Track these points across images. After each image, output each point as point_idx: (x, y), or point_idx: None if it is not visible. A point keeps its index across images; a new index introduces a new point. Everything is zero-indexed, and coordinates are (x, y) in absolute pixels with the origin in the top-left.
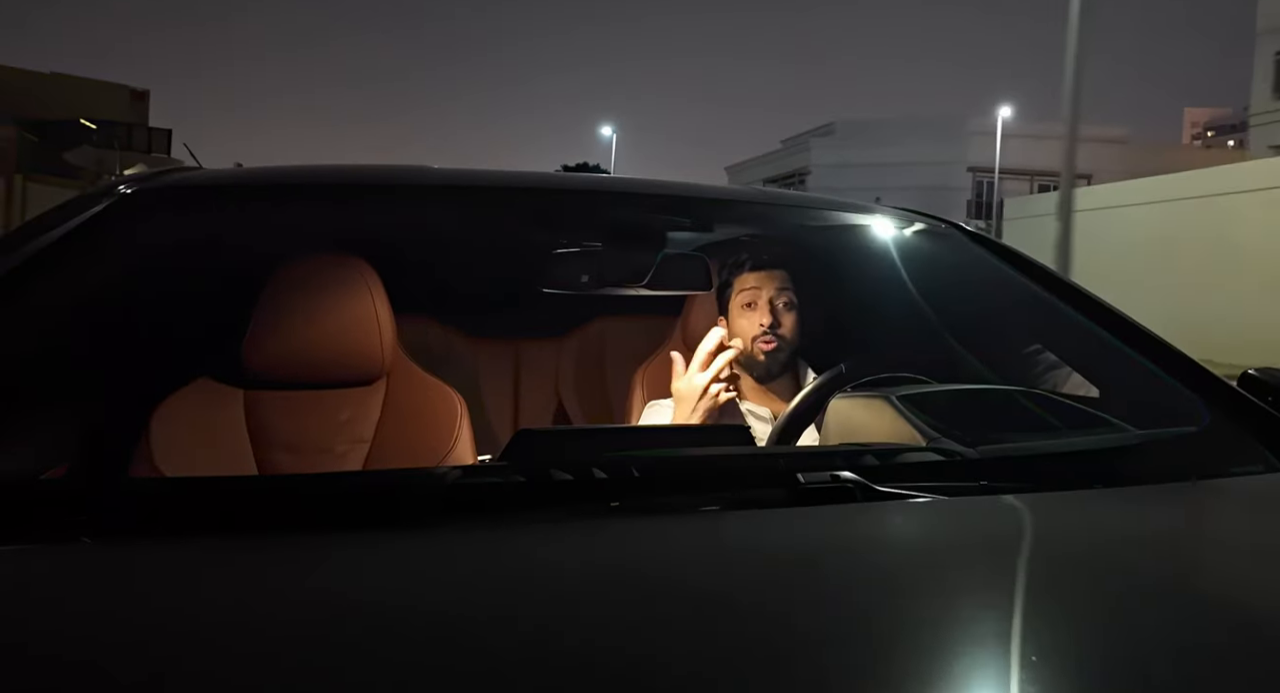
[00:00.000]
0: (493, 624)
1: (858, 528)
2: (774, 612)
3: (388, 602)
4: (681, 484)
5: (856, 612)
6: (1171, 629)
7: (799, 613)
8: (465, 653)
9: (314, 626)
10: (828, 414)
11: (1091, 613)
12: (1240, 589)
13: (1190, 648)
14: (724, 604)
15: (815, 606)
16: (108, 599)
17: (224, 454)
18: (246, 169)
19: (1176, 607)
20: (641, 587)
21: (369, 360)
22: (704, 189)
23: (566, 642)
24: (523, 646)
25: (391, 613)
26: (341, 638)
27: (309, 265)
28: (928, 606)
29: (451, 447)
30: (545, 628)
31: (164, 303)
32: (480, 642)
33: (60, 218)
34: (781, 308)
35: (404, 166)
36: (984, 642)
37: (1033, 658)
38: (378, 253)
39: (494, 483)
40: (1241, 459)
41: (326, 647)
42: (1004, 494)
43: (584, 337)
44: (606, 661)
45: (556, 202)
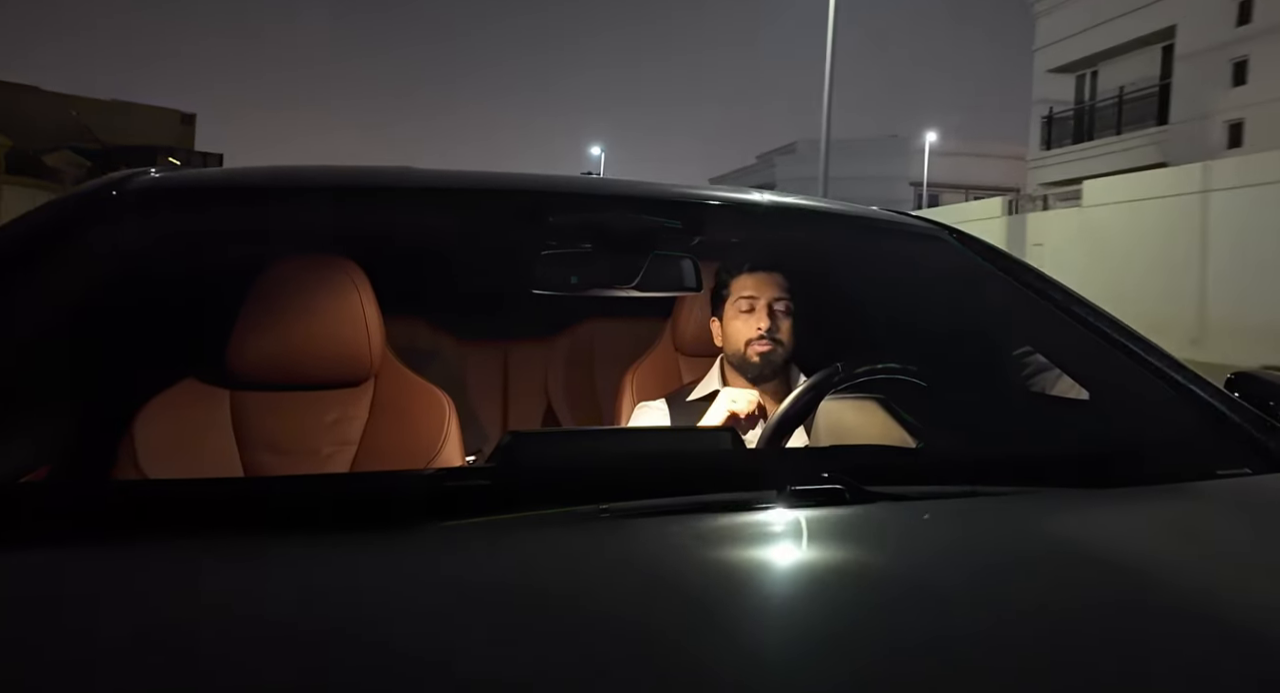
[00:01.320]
0: (481, 627)
1: (848, 530)
2: (764, 614)
3: (376, 604)
4: (671, 486)
5: (846, 613)
6: (1160, 631)
7: (789, 615)
8: (453, 656)
9: (300, 629)
10: (818, 416)
11: (1081, 614)
12: (1228, 590)
13: (1179, 650)
14: (714, 606)
15: (806, 607)
16: (90, 603)
17: (210, 456)
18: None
19: (1165, 608)
20: (631, 589)
21: (357, 361)
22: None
23: (556, 644)
24: (511, 648)
25: (379, 616)
26: (329, 641)
27: (296, 266)
28: (918, 607)
29: (440, 449)
30: (534, 631)
31: (148, 304)
32: (468, 645)
33: (42, 219)
34: (780, 313)
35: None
36: (974, 643)
37: (1022, 659)
38: (366, 254)
39: (482, 485)
40: (1229, 461)
41: (313, 650)
42: (994, 496)
43: (574, 338)
44: (596, 663)
45: (546, 202)
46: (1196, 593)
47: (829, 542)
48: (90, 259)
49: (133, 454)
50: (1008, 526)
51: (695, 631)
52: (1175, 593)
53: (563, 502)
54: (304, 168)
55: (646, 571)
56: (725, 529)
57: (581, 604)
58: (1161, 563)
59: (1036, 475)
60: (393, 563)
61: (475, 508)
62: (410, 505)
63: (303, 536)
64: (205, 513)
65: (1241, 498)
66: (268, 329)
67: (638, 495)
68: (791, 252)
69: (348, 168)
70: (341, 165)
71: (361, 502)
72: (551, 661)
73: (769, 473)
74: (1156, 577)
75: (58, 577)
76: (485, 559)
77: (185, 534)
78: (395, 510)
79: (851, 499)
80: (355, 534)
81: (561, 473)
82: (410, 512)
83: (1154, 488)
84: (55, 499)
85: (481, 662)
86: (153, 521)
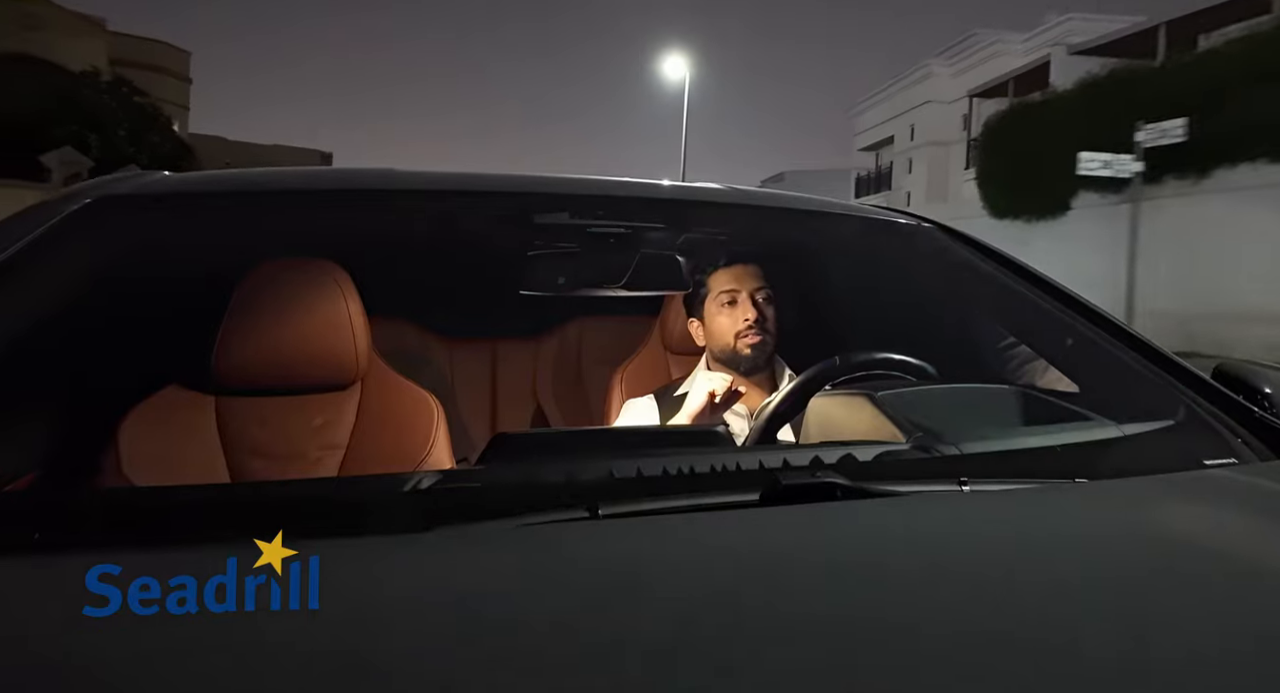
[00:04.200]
0: (470, 630)
1: (839, 526)
2: (755, 611)
3: (363, 609)
4: (661, 485)
5: (838, 610)
6: (1148, 621)
7: (781, 612)
8: (443, 659)
9: (287, 634)
10: (807, 412)
11: (1071, 606)
12: (1216, 580)
13: (1167, 639)
14: (705, 604)
15: (797, 605)
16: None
17: (195, 462)
18: (215, 173)
19: (1153, 599)
20: (622, 588)
21: (343, 365)
22: (676, 188)
23: (546, 645)
24: (502, 650)
25: (367, 620)
26: (317, 645)
27: (279, 269)
28: (910, 602)
29: (428, 451)
30: (525, 631)
31: (131, 309)
32: (458, 647)
33: (25, 222)
34: (762, 302)
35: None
36: (966, 637)
37: (1015, 652)
38: (350, 256)
39: (472, 487)
40: (1217, 452)
41: (299, 656)
42: (984, 490)
43: (562, 338)
44: (587, 662)
45: (531, 203)
46: (1186, 583)
47: (820, 539)
48: (73, 263)
49: (117, 461)
50: (998, 520)
51: (687, 630)
52: (1165, 583)
53: (552, 503)
54: (287, 170)
55: (637, 570)
56: (716, 527)
57: (571, 605)
58: (1150, 554)
59: (1026, 469)
60: (381, 566)
61: (464, 511)
62: (399, 509)
63: (291, 540)
64: (191, 519)
65: (1228, 489)
66: (252, 333)
67: (628, 495)
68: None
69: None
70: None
71: (350, 506)
72: (543, 663)
73: (759, 471)
74: (1146, 568)
75: (43, 584)
76: (474, 562)
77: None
78: (384, 514)
79: (842, 496)
80: (344, 539)
81: (551, 474)
82: (399, 515)
83: (1142, 479)
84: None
85: (472, 666)
86: (139, 527)
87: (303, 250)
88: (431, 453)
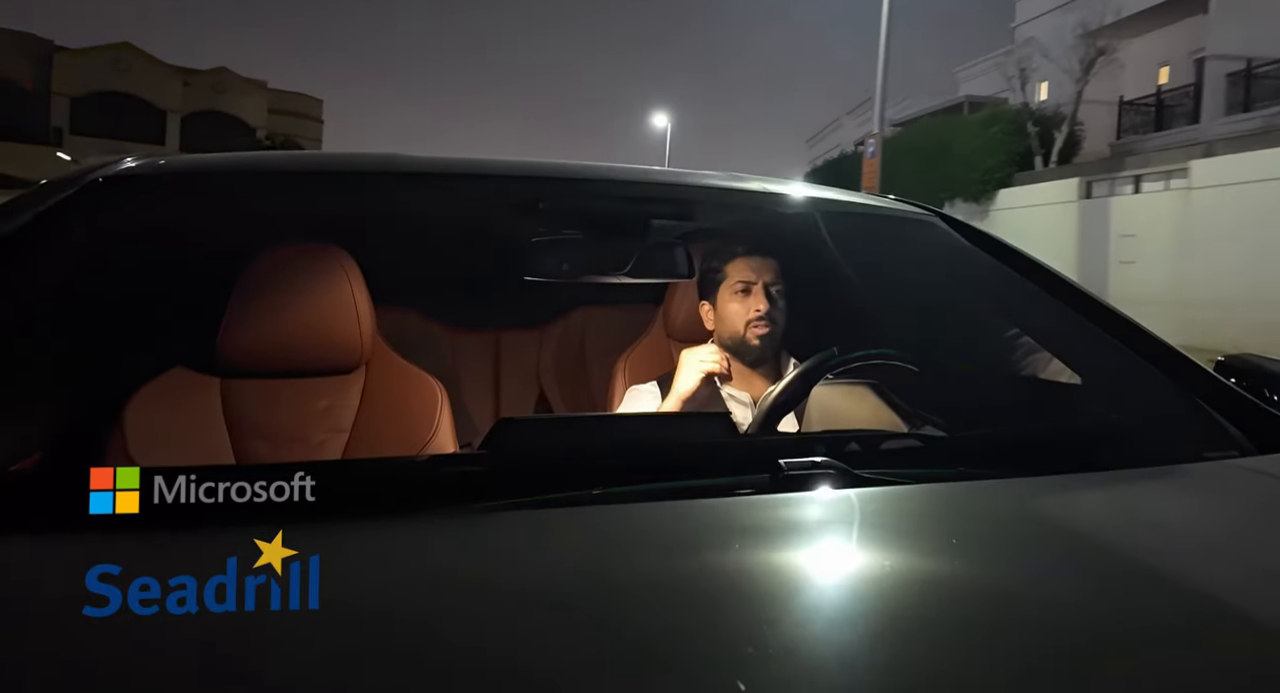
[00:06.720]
0: (475, 613)
1: (840, 514)
2: (757, 597)
3: (367, 591)
4: (664, 471)
5: (840, 597)
6: (1149, 612)
7: (782, 598)
8: (446, 638)
9: (293, 616)
10: (810, 401)
11: (1071, 596)
12: (1217, 571)
13: (1167, 630)
14: (708, 590)
15: (798, 591)
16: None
17: (200, 444)
18: (220, 155)
19: (1154, 590)
20: (625, 574)
21: (347, 348)
22: (685, 175)
23: (551, 629)
24: (507, 634)
25: (371, 602)
26: (321, 628)
27: (286, 253)
28: (910, 590)
29: (432, 436)
30: (529, 616)
31: (137, 291)
32: (463, 631)
33: (29, 205)
34: (776, 295)
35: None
36: (966, 625)
37: (1014, 640)
38: (356, 241)
39: (475, 471)
40: (1219, 444)
41: (305, 637)
42: (985, 480)
43: (566, 325)
44: (591, 647)
45: (537, 188)
46: (1187, 574)
47: (821, 526)
48: (78, 246)
49: (123, 442)
50: (999, 509)
51: (688, 614)
52: (1166, 574)
53: (555, 488)
54: (293, 154)
55: (639, 555)
56: (718, 513)
57: (574, 589)
58: (1153, 545)
59: (1028, 459)
60: (385, 549)
61: (468, 494)
62: (403, 492)
63: (295, 522)
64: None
65: (1229, 481)
66: (258, 317)
67: (630, 481)
68: (784, 236)
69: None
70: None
71: (354, 488)
72: (546, 644)
73: (762, 457)
74: (1148, 559)
75: (49, 565)
76: (478, 545)
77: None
78: (388, 497)
79: (844, 484)
80: (348, 521)
81: (554, 459)
82: (403, 498)
83: (1143, 471)
84: (45, 488)
85: (476, 647)
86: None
87: (307, 234)
88: (435, 437)
